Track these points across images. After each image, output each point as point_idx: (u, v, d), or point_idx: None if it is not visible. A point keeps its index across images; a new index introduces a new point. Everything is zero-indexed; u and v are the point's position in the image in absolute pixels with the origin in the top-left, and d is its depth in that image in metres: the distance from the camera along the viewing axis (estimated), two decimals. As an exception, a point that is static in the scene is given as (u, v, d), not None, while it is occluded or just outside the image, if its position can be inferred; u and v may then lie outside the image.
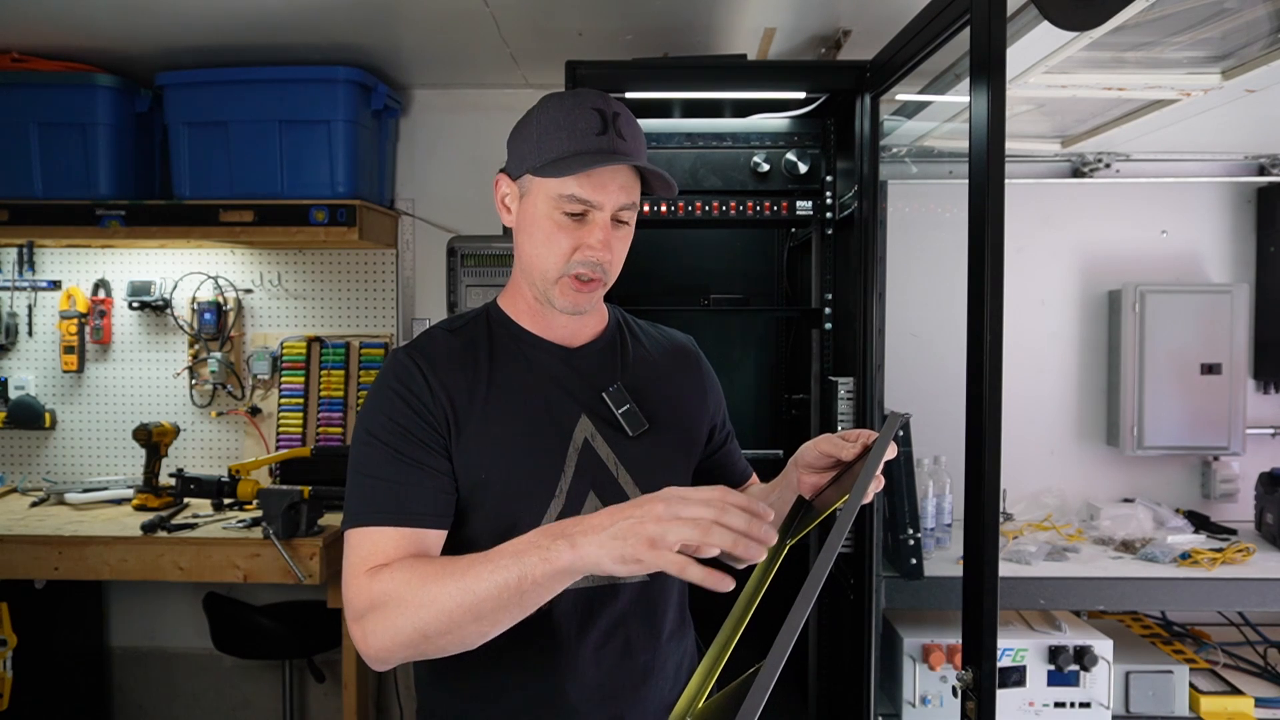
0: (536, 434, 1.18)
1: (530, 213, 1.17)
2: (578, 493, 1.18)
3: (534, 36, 2.57)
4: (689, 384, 1.33)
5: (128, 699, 3.27)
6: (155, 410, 3.15)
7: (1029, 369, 2.77)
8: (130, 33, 2.52)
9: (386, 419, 1.14)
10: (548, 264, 1.16)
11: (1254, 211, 2.76)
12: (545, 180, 1.14)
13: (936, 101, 2.23)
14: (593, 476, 1.19)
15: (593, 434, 1.20)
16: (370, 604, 1.04)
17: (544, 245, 1.16)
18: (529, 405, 1.19)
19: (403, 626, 1.00)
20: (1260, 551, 2.36)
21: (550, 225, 1.15)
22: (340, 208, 2.70)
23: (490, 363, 1.21)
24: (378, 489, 1.11)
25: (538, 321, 1.24)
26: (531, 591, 0.95)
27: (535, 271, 1.18)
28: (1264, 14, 1.65)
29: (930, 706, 2.20)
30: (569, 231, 1.15)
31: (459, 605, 0.97)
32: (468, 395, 1.17)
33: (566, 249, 1.15)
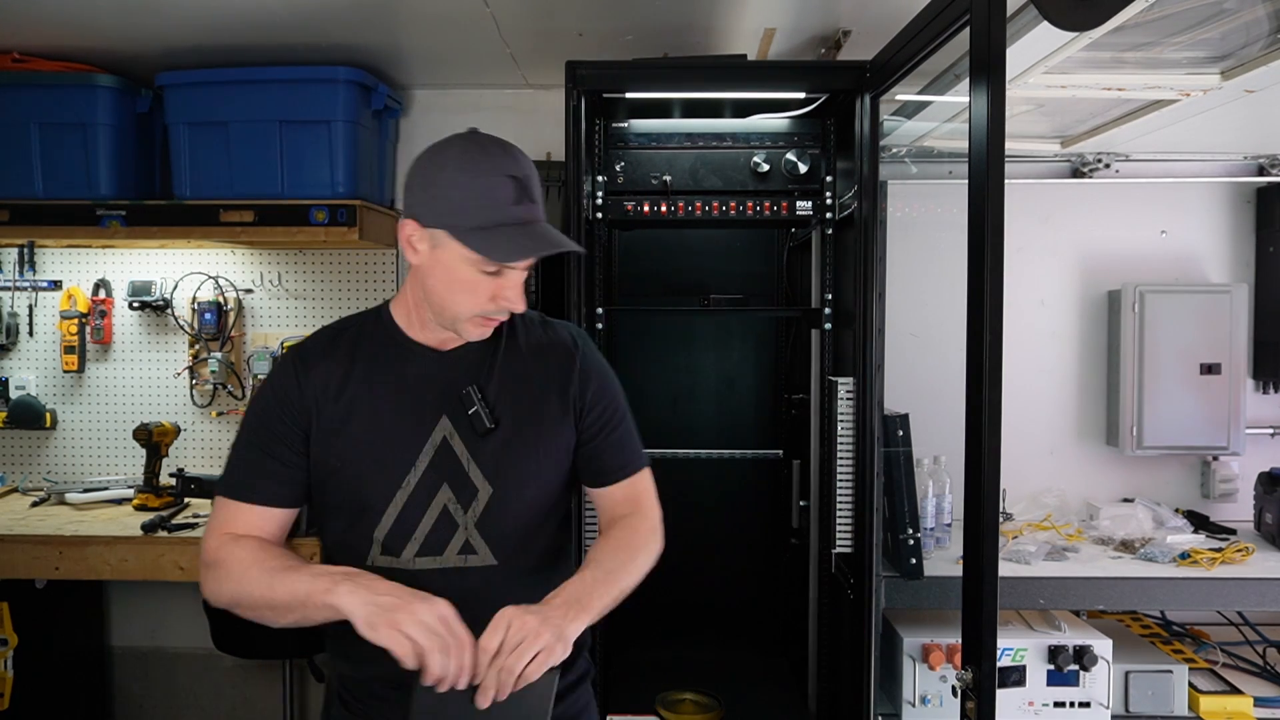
0: (392, 430, 1.30)
1: (445, 262, 1.23)
2: (429, 485, 1.30)
3: (534, 37, 2.57)
4: (552, 380, 1.37)
5: (128, 699, 3.27)
6: (156, 410, 3.15)
7: (1029, 369, 2.77)
8: (130, 33, 2.52)
9: (258, 409, 1.33)
10: (461, 309, 1.26)
11: (1253, 211, 2.76)
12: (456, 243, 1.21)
13: (936, 101, 2.23)
14: (448, 471, 1.31)
15: (451, 432, 1.31)
16: (212, 561, 1.27)
17: (461, 293, 1.25)
18: (391, 404, 1.31)
19: (223, 591, 1.26)
20: (1259, 551, 2.36)
21: (468, 280, 1.23)
22: (340, 208, 2.70)
23: (362, 363, 1.33)
24: (238, 468, 1.32)
25: (419, 329, 1.34)
26: (311, 609, 1.16)
27: (446, 312, 1.28)
28: (1264, 14, 1.66)
29: (930, 706, 2.20)
30: (485, 284, 1.24)
31: (262, 596, 1.21)
32: (333, 392, 1.31)
33: (483, 298, 1.25)
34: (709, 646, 2.95)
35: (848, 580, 2.21)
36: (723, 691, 2.17)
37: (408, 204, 1.26)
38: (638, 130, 2.56)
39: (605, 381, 1.42)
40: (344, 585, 1.13)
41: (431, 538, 1.30)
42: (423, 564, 1.30)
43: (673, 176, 2.50)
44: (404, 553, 1.30)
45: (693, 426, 3.04)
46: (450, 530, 1.31)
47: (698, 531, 2.99)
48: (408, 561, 1.30)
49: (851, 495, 2.20)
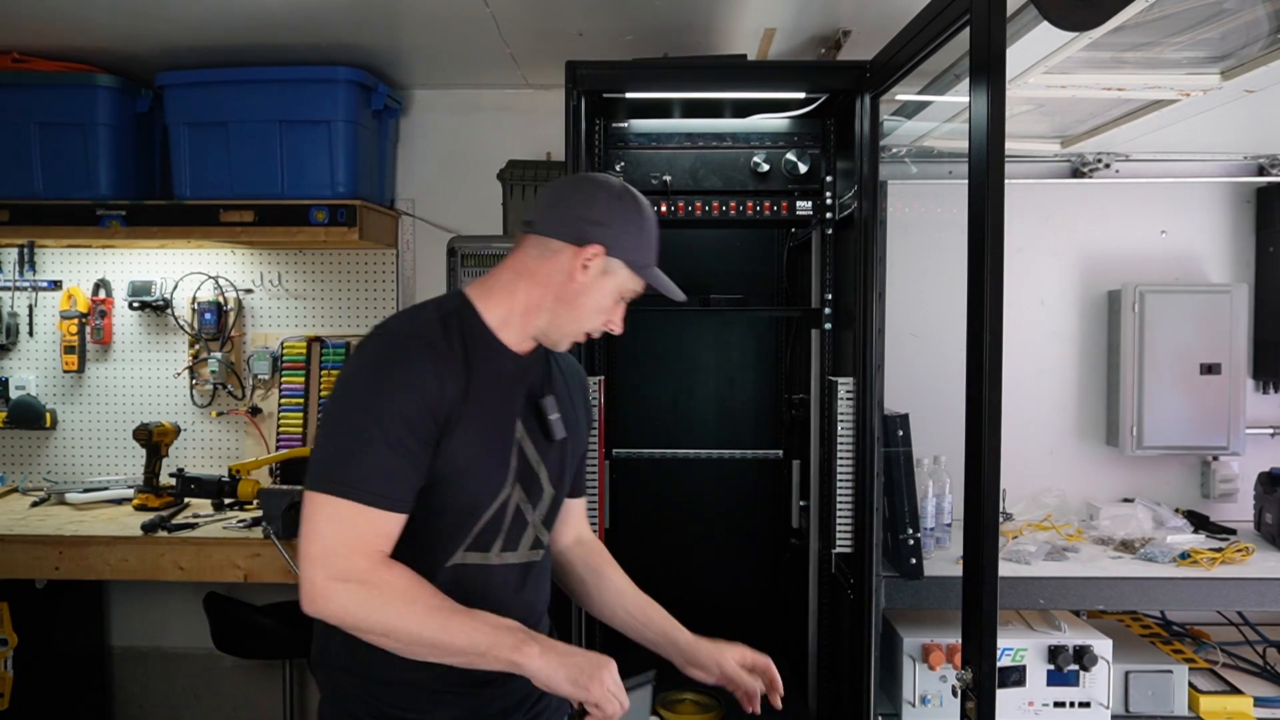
0: (497, 430, 1.36)
1: (600, 286, 1.39)
2: (513, 486, 1.37)
3: (534, 37, 2.57)
4: (583, 405, 1.56)
5: (128, 699, 3.27)
6: (155, 410, 3.15)
7: (1029, 369, 2.77)
8: (130, 33, 2.53)
9: (393, 407, 1.24)
10: (586, 325, 1.41)
11: (1253, 211, 2.76)
12: (628, 274, 1.40)
13: (936, 101, 2.23)
14: (522, 472, 1.38)
15: (523, 435, 1.38)
16: (361, 579, 1.21)
17: (593, 313, 1.40)
18: (494, 404, 1.35)
19: (374, 619, 1.21)
20: (1259, 551, 2.36)
21: (609, 303, 1.41)
22: (340, 208, 2.70)
23: (472, 361, 1.33)
24: (376, 470, 1.23)
25: (505, 329, 1.39)
26: (489, 661, 1.22)
27: (573, 324, 1.40)
28: (1263, 14, 1.66)
29: (930, 706, 2.20)
30: (612, 310, 1.42)
31: (432, 638, 1.21)
32: (461, 391, 1.30)
33: (600, 321, 1.42)
34: (709, 646, 2.94)
35: (848, 580, 2.21)
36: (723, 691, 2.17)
37: (596, 233, 1.36)
38: (638, 130, 2.56)
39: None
40: (532, 647, 1.21)
41: (510, 535, 1.38)
42: (505, 558, 1.38)
43: (673, 176, 2.51)
44: (492, 548, 1.37)
45: (693, 426, 3.04)
46: (522, 528, 1.40)
47: (698, 531, 2.99)
48: (495, 556, 1.37)
49: (851, 495, 2.20)
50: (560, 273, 1.36)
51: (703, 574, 2.99)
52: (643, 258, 1.41)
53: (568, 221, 1.36)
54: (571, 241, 1.35)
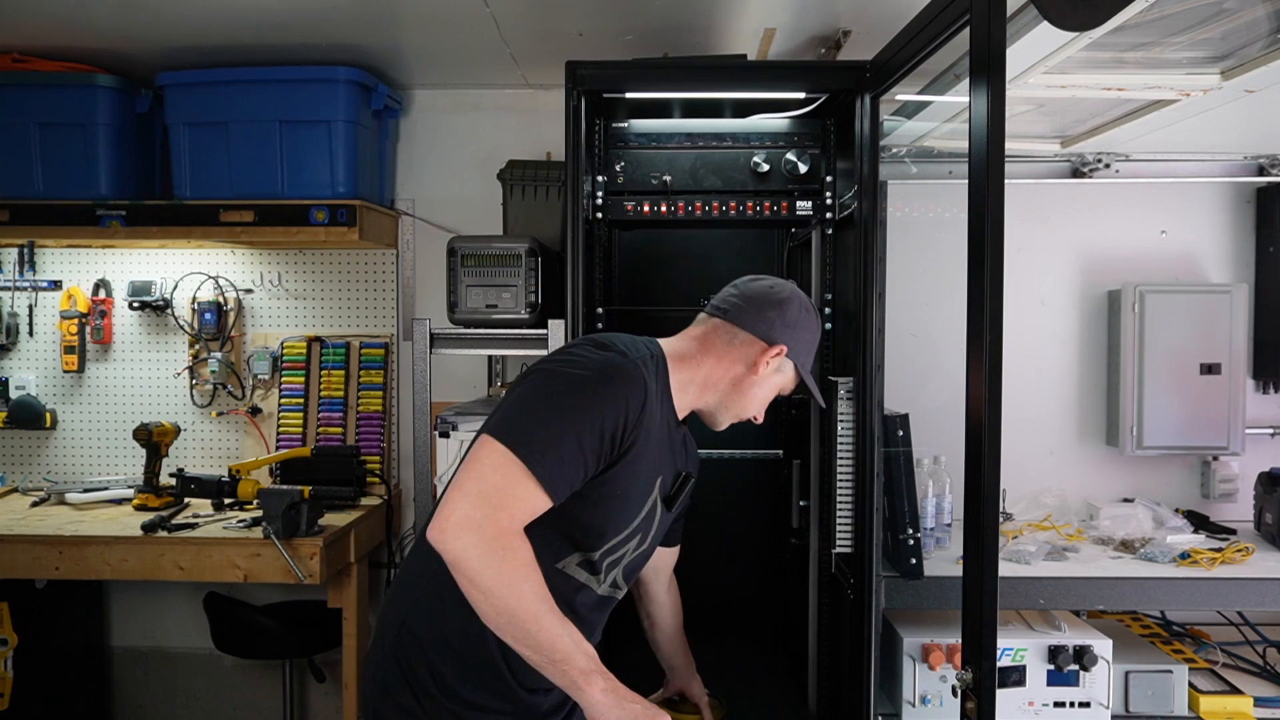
0: (647, 476, 1.48)
1: (773, 382, 1.60)
2: (636, 531, 1.49)
3: (534, 37, 2.57)
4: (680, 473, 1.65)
5: (128, 699, 3.27)
6: (155, 410, 3.15)
7: (1029, 369, 2.77)
8: (130, 33, 2.53)
9: (600, 414, 1.34)
10: (749, 408, 1.60)
11: (1253, 211, 2.76)
12: (793, 374, 1.62)
13: (936, 101, 2.23)
14: (646, 524, 1.51)
15: (658, 494, 1.52)
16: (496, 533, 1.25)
17: (756, 400, 1.60)
18: (652, 453, 1.47)
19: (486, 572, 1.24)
20: (1259, 551, 2.36)
21: (771, 392, 1.62)
22: (340, 208, 2.70)
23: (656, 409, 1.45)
24: (556, 451, 1.30)
25: (680, 393, 1.54)
26: (554, 670, 1.26)
27: (740, 408, 1.59)
28: (1264, 14, 1.66)
29: (930, 706, 2.20)
30: (768, 400, 1.63)
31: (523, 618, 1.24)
32: (643, 429, 1.41)
33: (758, 408, 1.62)
34: (709, 646, 2.93)
35: (848, 580, 2.21)
36: (723, 691, 2.17)
37: (784, 336, 1.57)
38: (638, 130, 2.56)
39: None
40: (600, 682, 1.26)
41: (612, 567, 1.50)
42: (604, 590, 1.50)
43: (673, 176, 2.50)
44: (599, 573, 1.48)
45: (692, 426, 3.04)
46: (616, 565, 1.51)
47: (698, 531, 2.97)
48: (598, 582, 1.49)
49: (851, 495, 2.20)
50: (743, 362, 1.56)
51: (703, 574, 2.98)
52: (809, 362, 1.63)
53: (764, 321, 1.56)
54: (762, 338, 1.55)
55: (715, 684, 2.61)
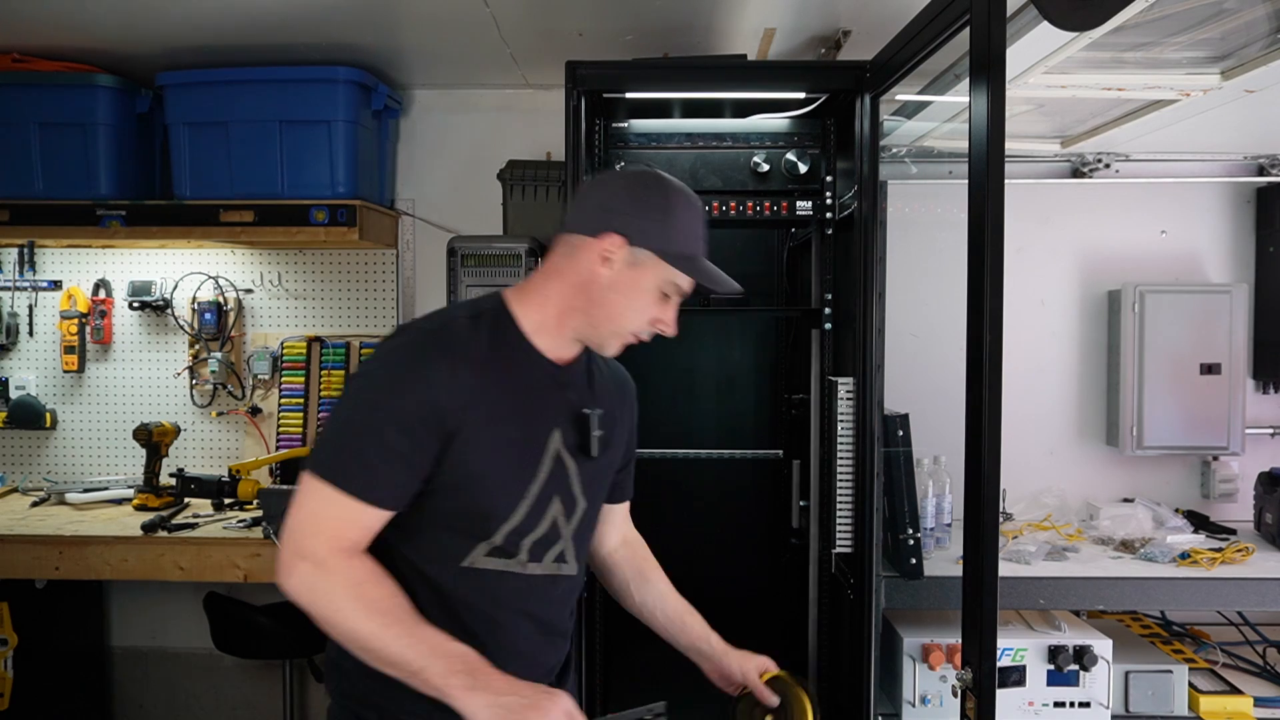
0: (523, 439, 1.32)
1: (635, 281, 1.31)
2: (544, 497, 1.33)
3: (534, 37, 2.57)
4: (625, 417, 1.51)
5: (128, 699, 3.27)
6: (155, 410, 3.15)
7: (1029, 369, 2.77)
8: (130, 33, 2.53)
9: (394, 405, 1.23)
10: (627, 323, 1.33)
11: (1253, 211, 2.76)
12: (663, 265, 1.31)
13: (936, 101, 2.23)
14: (558, 483, 1.34)
15: (561, 447, 1.34)
16: (319, 561, 1.22)
17: (635, 311, 1.33)
18: (521, 411, 1.31)
19: (320, 602, 1.22)
20: (1259, 551, 2.36)
21: (650, 298, 1.33)
22: (340, 208, 2.70)
23: (497, 365, 1.30)
24: (359, 460, 1.23)
25: (548, 339, 1.35)
26: (420, 683, 1.17)
27: (608, 323, 1.33)
28: (1264, 14, 1.66)
29: (930, 706, 2.20)
30: (656, 307, 1.34)
31: (364, 638, 1.19)
32: (476, 395, 1.26)
33: (645, 319, 1.34)
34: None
35: (848, 580, 2.21)
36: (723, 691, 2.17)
37: (613, 222, 1.30)
38: (638, 130, 2.56)
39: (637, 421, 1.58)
40: (461, 680, 1.15)
41: (539, 544, 1.34)
42: (532, 569, 1.34)
43: (673, 176, 2.50)
44: (518, 555, 1.32)
45: (693, 426, 3.04)
46: (554, 539, 1.36)
47: (698, 531, 2.99)
48: (521, 565, 1.33)
49: (851, 495, 2.20)
50: (585, 269, 1.30)
51: (703, 574, 2.97)
52: (676, 246, 1.31)
53: (590, 214, 1.32)
54: (589, 234, 1.29)
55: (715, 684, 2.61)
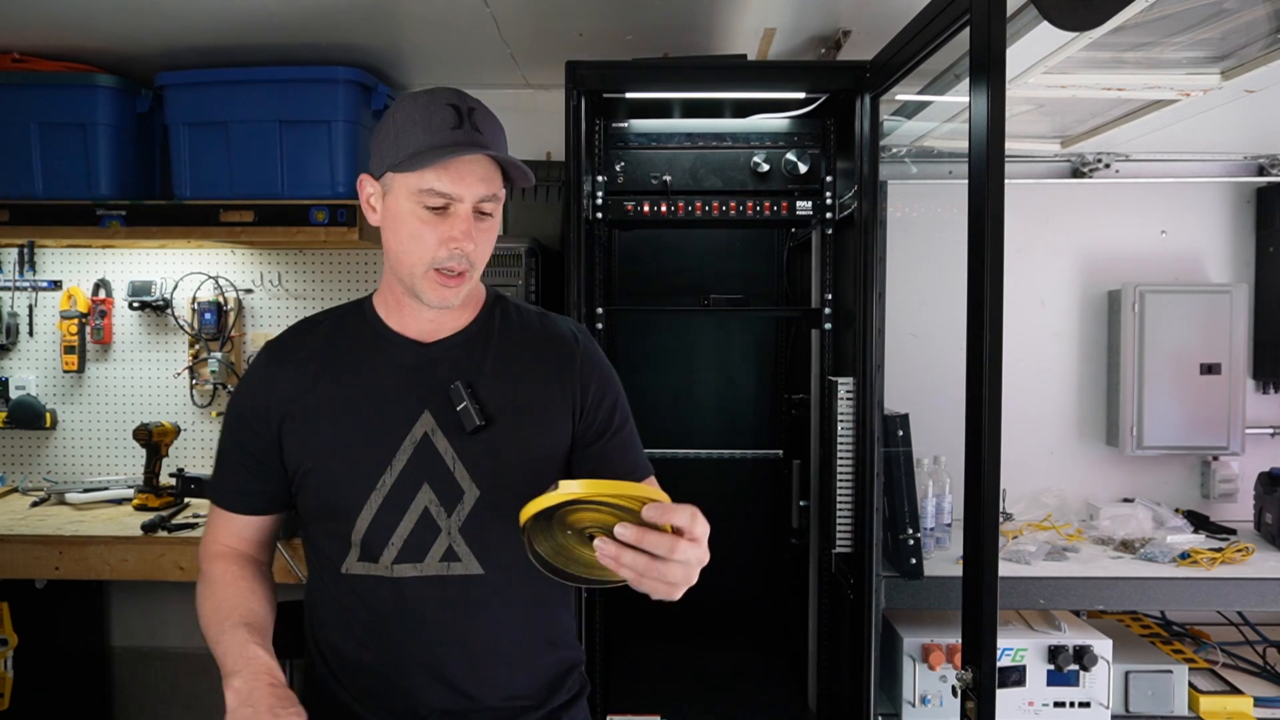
0: (369, 427, 1.23)
1: (394, 210, 1.19)
2: (408, 484, 1.22)
3: (534, 37, 2.57)
4: (551, 376, 1.29)
5: (128, 699, 3.27)
6: (155, 410, 3.15)
7: (1029, 369, 2.77)
8: (130, 33, 2.52)
9: (233, 411, 1.30)
10: (414, 259, 1.19)
11: (1253, 211, 2.76)
12: (405, 176, 1.16)
13: (936, 101, 2.23)
14: (428, 470, 1.22)
15: (433, 429, 1.23)
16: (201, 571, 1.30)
17: (409, 241, 1.19)
18: (368, 399, 1.24)
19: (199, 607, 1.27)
20: (1259, 551, 2.36)
21: (414, 221, 1.18)
22: (340, 208, 2.70)
23: (339, 356, 1.27)
24: (219, 473, 1.32)
25: (400, 317, 1.28)
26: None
27: (403, 267, 1.21)
28: (1264, 14, 1.66)
29: (930, 706, 2.20)
30: (432, 225, 1.17)
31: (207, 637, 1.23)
32: (304, 388, 1.25)
33: (431, 243, 1.18)
34: (709, 646, 2.95)
35: (848, 580, 2.21)
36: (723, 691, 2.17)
37: (369, 169, 1.23)
38: (638, 130, 2.56)
39: (608, 379, 1.33)
40: (235, 681, 1.13)
41: (412, 542, 1.22)
42: (402, 570, 1.22)
43: (673, 176, 2.51)
44: (382, 558, 1.22)
45: (693, 426, 3.04)
46: (432, 535, 1.22)
47: (698, 531, 2.98)
48: (385, 568, 1.22)
49: (851, 495, 2.20)
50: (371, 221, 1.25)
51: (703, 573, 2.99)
52: (406, 150, 1.16)
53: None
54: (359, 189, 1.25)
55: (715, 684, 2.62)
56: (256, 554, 1.35)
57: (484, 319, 1.31)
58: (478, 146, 1.16)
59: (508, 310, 1.34)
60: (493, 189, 1.20)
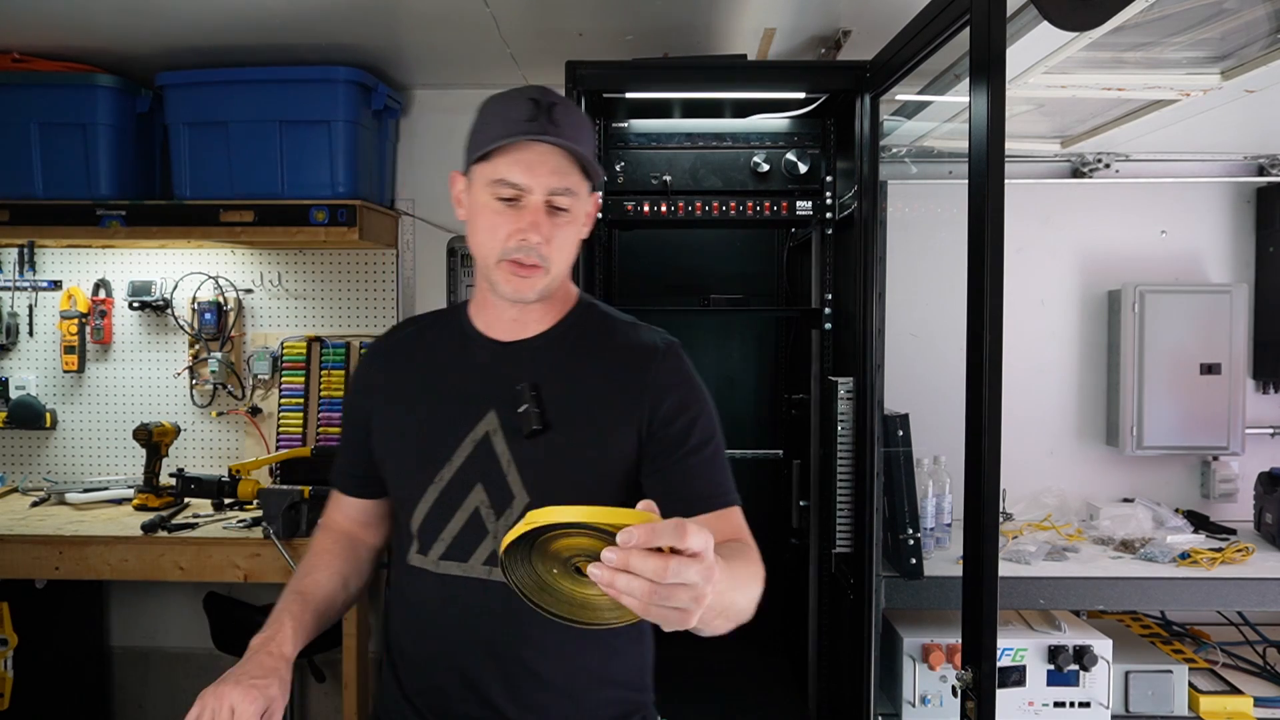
0: (436, 421, 1.24)
1: (473, 202, 1.21)
2: (463, 482, 1.21)
3: (534, 37, 2.57)
4: (621, 386, 1.21)
5: (128, 699, 3.27)
6: (155, 410, 3.15)
7: (1029, 369, 2.77)
8: (130, 33, 2.52)
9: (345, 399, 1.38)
10: (487, 249, 1.19)
11: (1253, 211, 2.76)
12: (481, 167, 1.18)
13: (936, 101, 2.23)
14: (484, 470, 1.20)
15: (495, 430, 1.21)
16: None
17: (484, 231, 1.19)
18: (441, 394, 1.25)
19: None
20: (1259, 551, 2.36)
21: (489, 213, 1.18)
22: (340, 208, 2.70)
23: (426, 353, 1.30)
24: (336, 454, 1.39)
25: (485, 315, 1.28)
26: None
27: (479, 258, 1.22)
28: (1264, 14, 1.66)
29: (930, 706, 2.20)
30: (505, 217, 1.17)
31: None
32: (392, 380, 1.30)
33: (502, 234, 1.17)
34: (709, 646, 2.94)
35: (848, 580, 2.21)
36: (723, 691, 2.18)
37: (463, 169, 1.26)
38: (638, 130, 2.56)
39: (690, 396, 1.23)
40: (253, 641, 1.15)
41: (459, 541, 1.21)
42: (447, 568, 1.21)
43: (673, 176, 2.51)
44: (431, 552, 1.22)
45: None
46: (479, 536, 1.20)
47: (698, 531, 2.99)
48: (433, 563, 1.22)
49: (851, 495, 2.20)
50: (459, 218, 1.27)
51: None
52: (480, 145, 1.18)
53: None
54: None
55: (715, 684, 2.62)
56: (360, 533, 1.40)
57: (568, 323, 1.28)
58: (547, 136, 1.15)
59: (595, 316, 1.31)
60: (566, 183, 1.17)
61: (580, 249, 1.25)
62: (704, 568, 0.77)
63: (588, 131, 1.22)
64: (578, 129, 1.19)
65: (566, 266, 1.23)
